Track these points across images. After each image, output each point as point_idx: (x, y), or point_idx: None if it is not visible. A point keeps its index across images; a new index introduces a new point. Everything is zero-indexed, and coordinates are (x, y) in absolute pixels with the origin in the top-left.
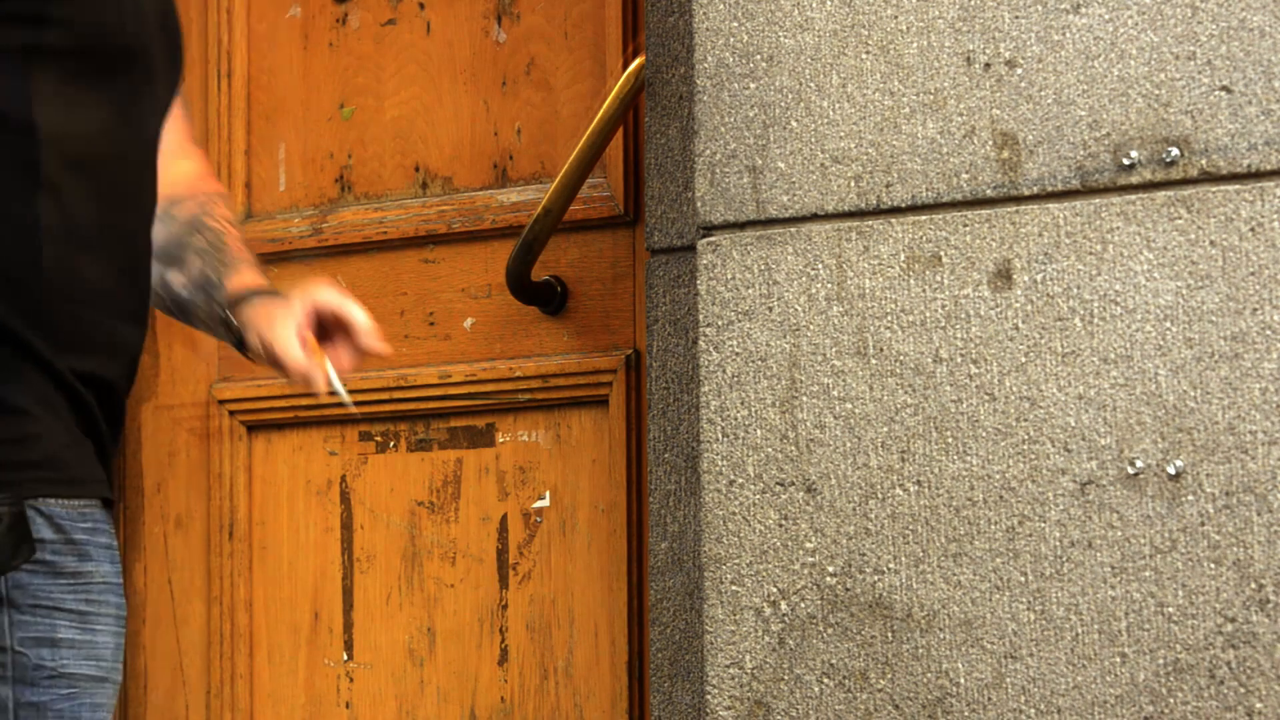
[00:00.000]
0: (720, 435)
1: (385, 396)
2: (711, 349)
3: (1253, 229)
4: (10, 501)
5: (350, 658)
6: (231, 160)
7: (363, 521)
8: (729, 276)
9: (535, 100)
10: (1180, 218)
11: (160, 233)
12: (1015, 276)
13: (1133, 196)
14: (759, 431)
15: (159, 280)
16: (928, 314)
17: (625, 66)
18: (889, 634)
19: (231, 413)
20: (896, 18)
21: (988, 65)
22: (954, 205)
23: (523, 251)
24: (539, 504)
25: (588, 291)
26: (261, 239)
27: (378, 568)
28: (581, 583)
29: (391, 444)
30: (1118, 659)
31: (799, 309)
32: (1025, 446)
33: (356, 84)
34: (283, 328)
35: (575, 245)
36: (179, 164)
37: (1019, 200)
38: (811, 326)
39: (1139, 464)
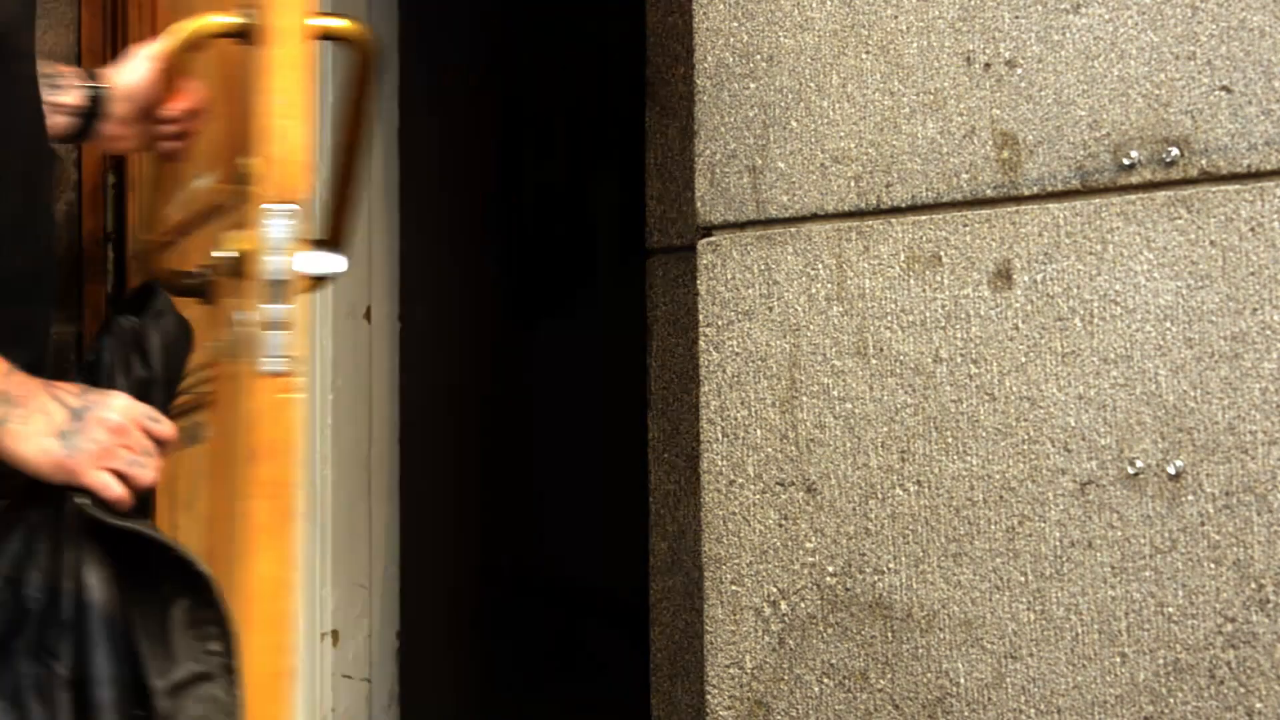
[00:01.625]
0: (720, 435)
1: None
2: (711, 349)
3: (1253, 229)
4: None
5: None
6: None
7: None
8: (729, 276)
9: None
10: (1180, 218)
11: None
12: (1015, 276)
13: (1133, 196)
14: (759, 431)
15: None
16: (928, 314)
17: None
18: (889, 634)
19: None
20: (896, 18)
21: (988, 65)
22: (954, 205)
23: None
24: None
25: None
26: None
27: None
28: None
29: None
30: (1118, 659)
31: (799, 309)
32: (1025, 446)
33: None
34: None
35: None
36: None
37: (1019, 200)
38: (811, 326)
39: (1139, 464)
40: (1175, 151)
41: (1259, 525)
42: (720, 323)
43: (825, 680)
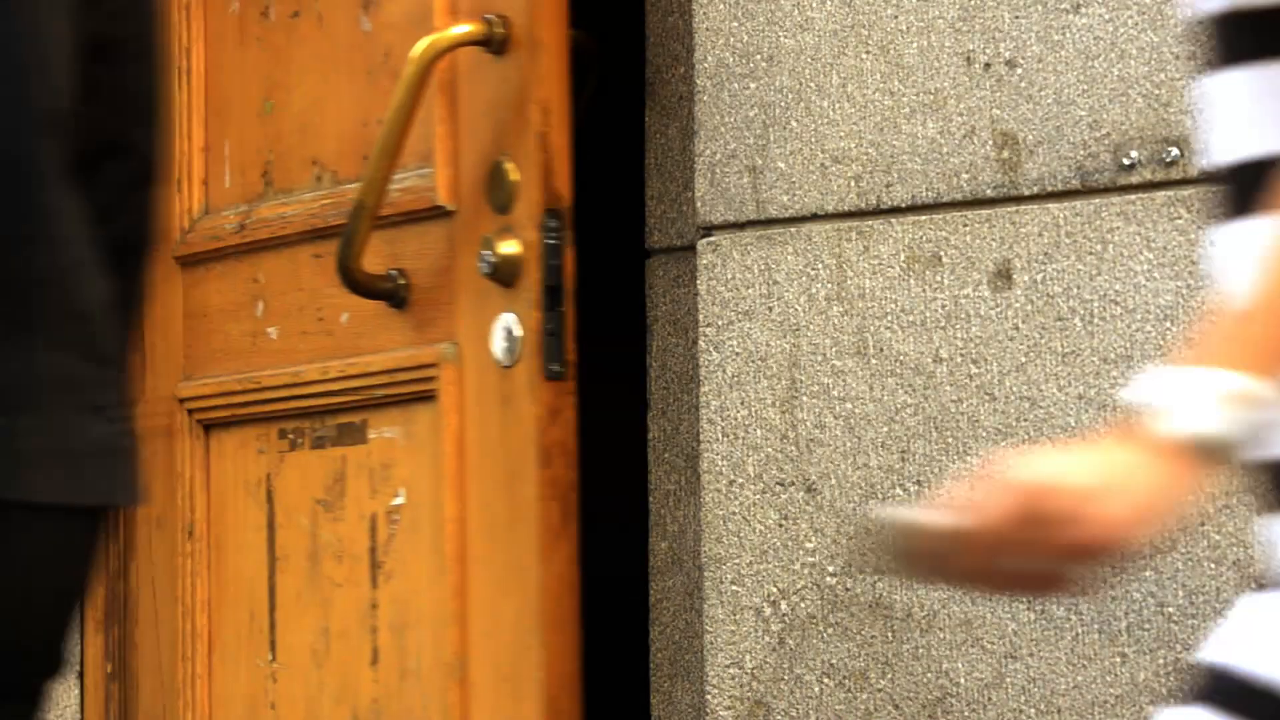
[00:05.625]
0: (720, 435)
1: (287, 394)
2: (711, 349)
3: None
4: None
5: (274, 658)
6: (191, 157)
7: (282, 520)
8: (729, 276)
9: (391, 90)
10: (1180, 218)
11: None
12: (1015, 276)
13: (1133, 196)
14: (759, 431)
15: None
16: (928, 314)
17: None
18: (889, 634)
19: (190, 411)
20: (896, 18)
21: (988, 65)
22: (954, 205)
23: (344, 246)
24: (396, 501)
25: (423, 284)
26: (207, 236)
27: (292, 567)
28: (426, 583)
29: (300, 441)
30: (1118, 659)
31: (799, 309)
32: (1025, 446)
33: (274, 78)
34: None
35: (414, 237)
36: None
37: (1019, 200)
38: (811, 326)
39: None
40: (1175, 151)
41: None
42: (720, 323)
43: (825, 680)
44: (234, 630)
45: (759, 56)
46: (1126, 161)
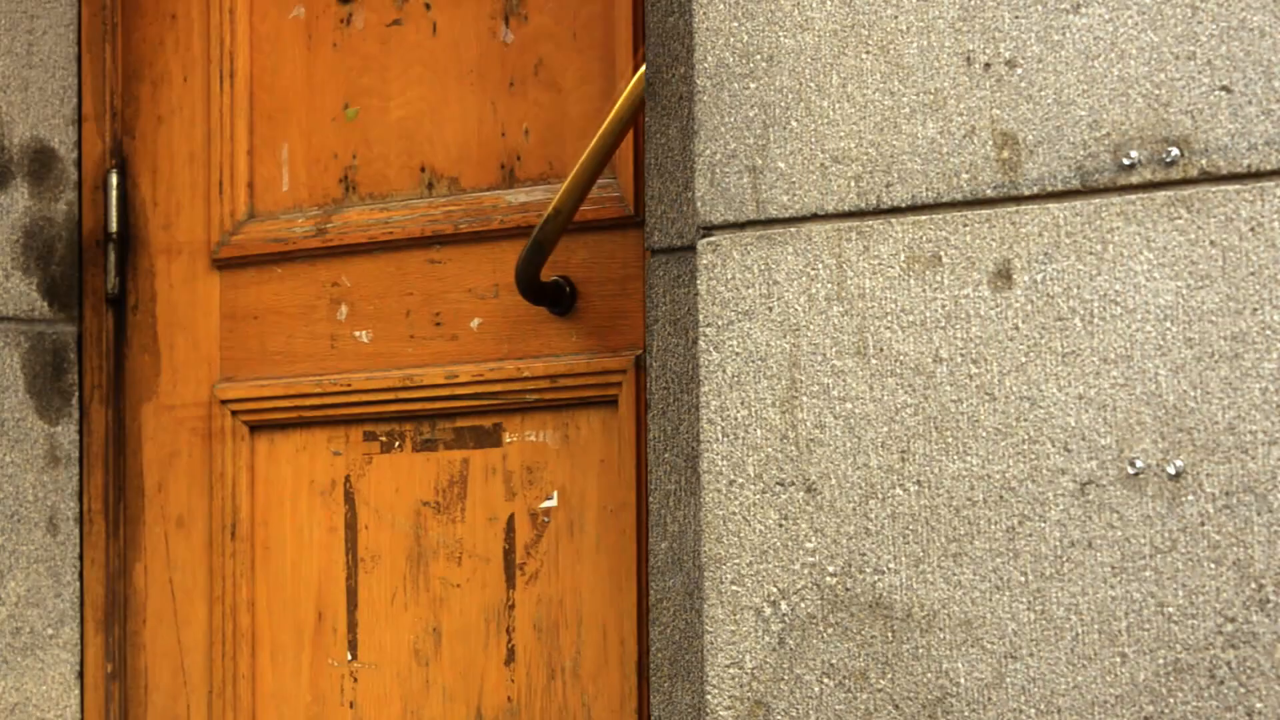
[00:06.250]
0: (720, 435)
1: (391, 396)
2: (711, 349)
3: (1253, 229)
4: None
5: (354, 657)
6: (235, 160)
7: (367, 521)
8: (729, 276)
9: (544, 101)
10: (1180, 218)
11: None
12: (1015, 276)
13: (1133, 196)
14: (759, 431)
15: None
16: (928, 314)
17: (636, 68)
18: (889, 634)
19: (234, 413)
20: (896, 18)
21: (988, 65)
22: (954, 205)
23: (533, 252)
24: (547, 504)
25: (598, 292)
26: (264, 239)
27: (383, 567)
28: (590, 583)
29: (397, 444)
30: (1118, 659)
31: (799, 309)
32: (1025, 446)
33: (361, 85)
34: None
35: (584, 246)
36: None
37: (1019, 200)
38: (811, 326)
39: (1139, 464)
40: (1175, 151)
41: (1259, 525)
42: (720, 323)
43: (825, 680)
44: (292, 630)
45: (759, 56)
46: (1126, 161)
